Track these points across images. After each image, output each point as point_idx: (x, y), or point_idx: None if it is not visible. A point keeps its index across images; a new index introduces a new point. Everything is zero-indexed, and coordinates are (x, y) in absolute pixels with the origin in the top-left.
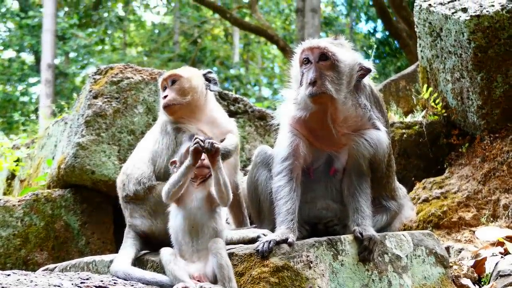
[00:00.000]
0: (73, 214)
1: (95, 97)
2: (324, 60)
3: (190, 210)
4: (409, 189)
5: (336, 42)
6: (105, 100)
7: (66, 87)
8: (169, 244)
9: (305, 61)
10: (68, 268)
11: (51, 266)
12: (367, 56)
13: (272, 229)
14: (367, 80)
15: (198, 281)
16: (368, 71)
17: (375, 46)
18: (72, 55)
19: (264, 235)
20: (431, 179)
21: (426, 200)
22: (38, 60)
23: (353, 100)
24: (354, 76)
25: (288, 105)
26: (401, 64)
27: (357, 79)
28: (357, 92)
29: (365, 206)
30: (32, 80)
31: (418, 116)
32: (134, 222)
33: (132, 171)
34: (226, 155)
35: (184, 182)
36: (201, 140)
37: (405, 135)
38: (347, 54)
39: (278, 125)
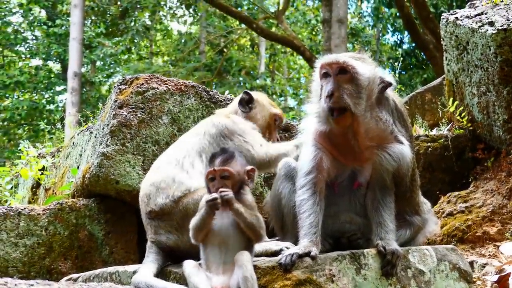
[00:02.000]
0: (97, 223)
1: (120, 107)
2: (343, 74)
3: (221, 226)
4: (434, 203)
5: (357, 56)
6: (130, 110)
7: (92, 96)
8: (194, 256)
9: (325, 75)
10: (91, 278)
11: (75, 275)
12: (393, 68)
13: (295, 242)
14: (392, 95)
15: None
16: (389, 85)
17: (401, 58)
18: (98, 63)
19: (287, 248)
20: (456, 193)
21: (450, 214)
22: (64, 68)
23: (373, 114)
24: (374, 89)
25: (311, 119)
26: (427, 76)
27: (378, 92)
28: (379, 106)
29: (389, 220)
30: (58, 88)
31: (444, 130)
32: (158, 239)
33: (168, 183)
34: None
35: (206, 225)
36: (216, 198)
37: (430, 149)
38: (367, 68)
39: (303, 142)
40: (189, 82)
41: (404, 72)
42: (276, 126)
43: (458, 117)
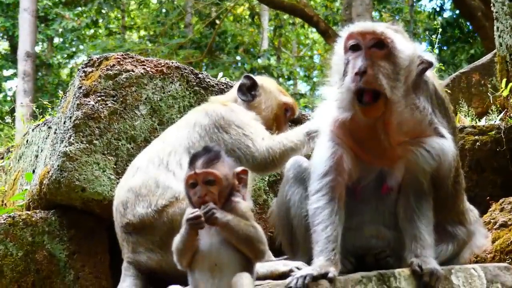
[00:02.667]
0: (59, 241)
1: (86, 95)
2: (378, 48)
3: (210, 247)
4: (483, 211)
5: (394, 28)
6: (99, 98)
7: (49, 82)
8: (181, 280)
9: (353, 48)
10: None
11: None
12: (431, 42)
13: (308, 262)
14: (431, 77)
15: None
16: (429, 65)
17: (441, 29)
18: (56, 41)
19: (297, 268)
20: (511, 199)
21: (504, 225)
22: (14, 47)
23: (408, 101)
24: (413, 72)
25: (329, 105)
26: (475, 52)
27: (417, 75)
28: (415, 91)
29: (426, 232)
30: (6, 72)
31: (495, 119)
32: (137, 258)
33: (150, 189)
34: None
35: (190, 247)
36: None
37: (478, 143)
38: (407, 44)
39: (316, 131)
40: (172, 63)
41: (445, 47)
42: (286, 119)
43: None
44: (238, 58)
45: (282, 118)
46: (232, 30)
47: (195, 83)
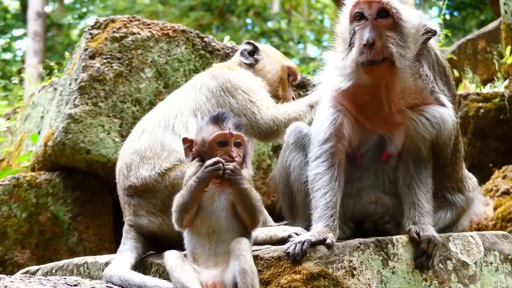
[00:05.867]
0: (63, 203)
1: (92, 57)
2: (384, 17)
3: (211, 212)
4: (486, 178)
5: None
6: (105, 61)
7: (59, 42)
8: (181, 245)
9: (358, 17)
10: (54, 271)
11: (33, 268)
12: (440, 8)
13: (307, 227)
14: (434, 45)
15: None
16: (433, 33)
17: None
18: (67, 1)
19: (296, 234)
20: None
21: (506, 193)
22: (24, 7)
23: (412, 68)
24: (419, 40)
25: (331, 71)
26: (485, 18)
27: (421, 44)
28: (419, 59)
29: (424, 200)
30: (16, 32)
31: (500, 86)
32: (138, 221)
33: (155, 151)
34: None
35: (195, 202)
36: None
37: (482, 110)
38: (412, 13)
39: (318, 102)
40: (178, 26)
41: (456, 13)
42: (289, 83)
43: None
44: (248, 21)
45: (286, 81)
46: None
47: (200, 47)
